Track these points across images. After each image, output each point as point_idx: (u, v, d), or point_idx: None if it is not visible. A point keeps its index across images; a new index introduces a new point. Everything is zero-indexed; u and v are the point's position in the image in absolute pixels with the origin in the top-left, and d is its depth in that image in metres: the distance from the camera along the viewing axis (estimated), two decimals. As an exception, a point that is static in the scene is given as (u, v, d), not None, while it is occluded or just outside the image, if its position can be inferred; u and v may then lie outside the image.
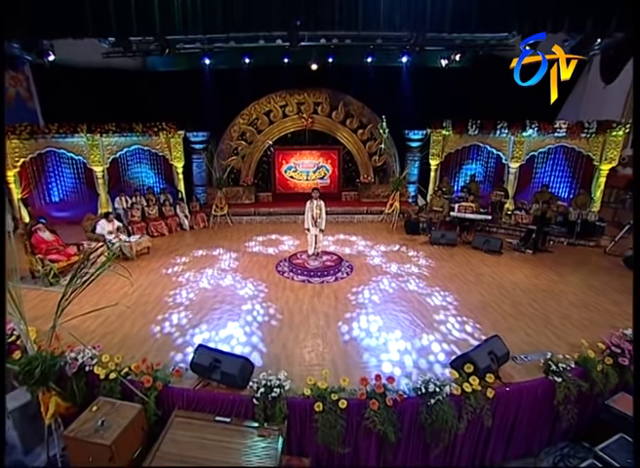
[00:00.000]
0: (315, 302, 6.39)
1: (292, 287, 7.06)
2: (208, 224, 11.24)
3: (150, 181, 12.17)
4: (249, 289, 6.95)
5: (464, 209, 9.49)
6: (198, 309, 6.14)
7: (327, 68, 11.40)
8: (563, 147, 11.35)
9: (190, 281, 7.29)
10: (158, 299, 6.49)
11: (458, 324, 5.73)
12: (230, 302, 6.40)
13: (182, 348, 5.05)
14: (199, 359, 4.28)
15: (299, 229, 10.72)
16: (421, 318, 5.88)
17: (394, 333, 5.41)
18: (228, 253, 8.93)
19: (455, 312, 6.10)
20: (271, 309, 6.18)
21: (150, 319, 5.83)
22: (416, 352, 4.98)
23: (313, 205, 7.73)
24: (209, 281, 7.29)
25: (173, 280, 7.34)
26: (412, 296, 6.63)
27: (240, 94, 11.90)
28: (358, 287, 7.01)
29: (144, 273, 7.68)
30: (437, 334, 5.43)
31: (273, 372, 4.21)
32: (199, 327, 5.60)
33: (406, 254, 8.81)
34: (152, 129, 11.24)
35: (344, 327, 5.59)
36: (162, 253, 8.91)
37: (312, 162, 12.41)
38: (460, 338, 5.32)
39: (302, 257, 8.06)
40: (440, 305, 6.31)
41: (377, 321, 5.77)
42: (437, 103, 11.66)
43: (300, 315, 5.97)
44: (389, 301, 6.45)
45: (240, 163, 12.51)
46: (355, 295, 6.64)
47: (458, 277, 7.47)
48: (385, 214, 11.33)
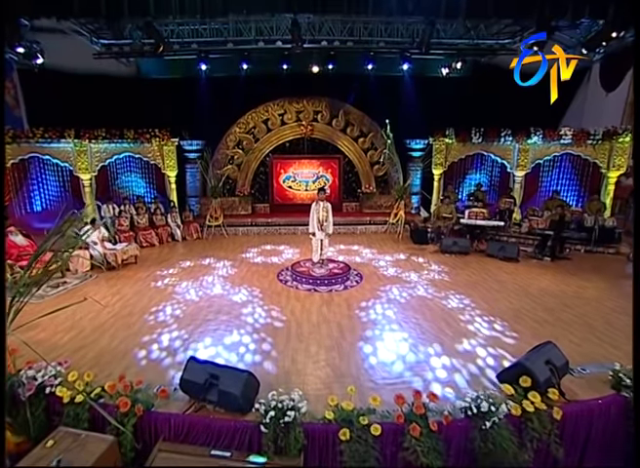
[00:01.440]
0: (325, 311, 5.52)
1: (297, 296, 6.18)
2: (201, 235, 10.38)
3: (141, 191, 11.34)
4: (248, 298, 6.06)
5: (475, 215, 8.82)
6: (190, 320, 5.22)
7: (327, 77, 10.95)
8: (569, 155, 10.91)
9: (182, 291, 6.37)
10: (144, 310, 5.55)
11: (490, 331, 4.91)
12: (227, 312, 5.49)
13: (170, 364, 4.11)
14: (190, 375, 3.36)
15: (299, 240, 9.95)
16: (450, 326, 5.05)
17: (423, 343, 4.56)
18: (224, 262, 8.04)
19: (485, 318, 5.28)
20: (275, 319, 5.29)
21: (133, 332, 4.89)
22: (453, 363, 4.12)
23: (319, 207, 6.96)
24: (203, 291, 6.38)
25: (162, 290, 6.41)
26: (433, 304, 5.80)
27: (237, 102, 11.30)
28: (372, 295, 6.17)
29: (130, 283, 6.74)
30: (471, 343, 4.59)
31: (284, 391, 3.30)
32: (191, 339, 4.68)
33: (418, 263, 8.02)
34: (144, 135, 10.52)
35: (363, 337, 4.72)
36: (151, 263, 7.98)
37: (312, 171, 11.75)
38: (497, 346, 4.49)
39: (307, 265, 7.22)
40: (467, 312, 5.49)
41: (400, 330, 4.91)
42: (438, 113, 11.17)
43: (309, 325, 5.08)
44: (410, 309, 5.60)
45: (236, 172, 11.79)
46: (370, 304, 5.79)
47: (479, 284, 6.69)
48: (390, 225, 10.61)
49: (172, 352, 4.38)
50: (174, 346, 4.52)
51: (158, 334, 4.79)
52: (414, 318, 5.31)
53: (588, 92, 11.36)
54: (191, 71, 11.05)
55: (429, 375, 3.89)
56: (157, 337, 4.72)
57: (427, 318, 5.32)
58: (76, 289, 6.46)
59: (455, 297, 6.09)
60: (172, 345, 4.54)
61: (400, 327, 5.01)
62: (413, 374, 3.92)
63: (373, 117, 11.84)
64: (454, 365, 4.10)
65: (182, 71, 11.25)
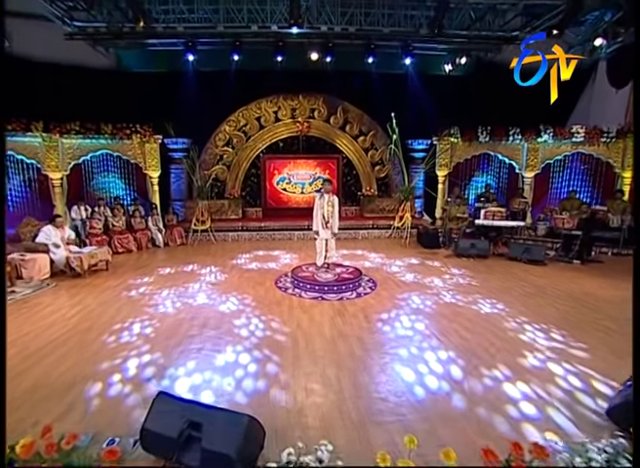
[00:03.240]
0: (340, 324, 4.32)
1: (301, 305, 4.97)
2: (186, 241, 9.10)
3: (120, 193, 10.03)
4: (241, 308, 4.83)
5: (492, 215, 7.81)
6: (168, 338, 3.95)
7: (324, 72, 10.04)
8: (580, 154, 10.14)
9: (159, 301, 5.08)
10: (107, 325, 4.25)
11: (549, 341, 3.83)
12: (216, 326, 4.24)
13: (137, 403, 2.84)
14: (157, 423, 2.12)
15: (296, 246, 8.80)
16: (498, 337, 3.92)
17: (479, 362, 3.39)
18: (211, 269, 6.79)
19: (535, 326, 4.19)
20: (278, 333, 4.07)
21: (89, 354, 3.60)
22: (535, 390, 2.96)
23: (324, 201, 5.81)
24: (185, 301, 5.12)
25: (134, 301, 5.12)
26: (468, 312, 4.67)
27: (227, 98, 10.19)
28: (392, 304, 5.01)
29: (96, 292, 5.42)
30: (537, 357, 3.48)
31: (304, 443, 2.09)
32: (168, 364, 3.42)
33: (435, 267, 6.93)
34: (124, 131, 9.32)
35: (396, 357, 3.53)
36: (125, 270, 6.67)
37: (308, 172, 10.67)
38: (570, 360, 3.36)
39: (310, 270, 6.03)
40: (510, 320, 4.38)
41: (441, 346, 3.73)
42: (440, 112, 10.32)
43: (321, 341, 3.87)
44: (443, 318, 4.45)
45: (225, 173, 10.60)
46: (393, 314, 4.61)
47: (512, 289, 5.60)
48: (395, 229, 9.55)
49: (140, 384, 3.10)
50: (144, 375, 3.23)
51: (123, 359, 3.49)
52: (452, 329, 4.15)
53: (594, 90, 10.71)
54: (177, 64, 10.00)
55: (512, 411, 2.70)
56: (121, 363, 3.42)
57: (468, 328, 4.18)
58: (27, 299, 5.12)
59: (488, 303, 4.97)
60: (141, 374, 3.25)
61: (439, 342, 3.85)
62: (488, 410, 2.73)
63: (372, 116, 10.91)
64: (536, 392, 2.94)
65: (168, 64, 10.18)
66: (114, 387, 3.05)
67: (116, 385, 3.07)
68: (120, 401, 2.86)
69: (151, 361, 3.46)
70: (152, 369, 3.32)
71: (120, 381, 3.13)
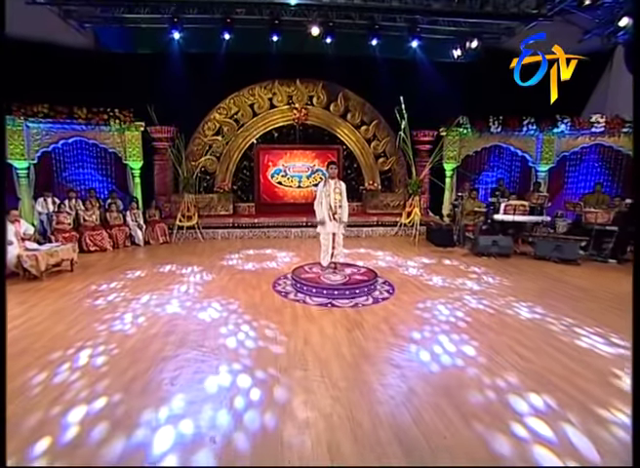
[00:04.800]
0: (360, 339, 3.29)
1: (308, 314, 3.94)
2: (170, 238, 7.99)
3: (97, 186, 8.86)
4: (231, 319, 3.77)
5: (513, 209, 6.88)
6: (131, 362, 2.88)
7: (323, 56, 9.07)
8: (598, 146, 9.33)
9: (129, 310, 4.01)
10: (57, 340, 3.17)
11: None
12: (198, 344, 3.18)
13: None
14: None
15: (293, 244, 7.78)
16: (572, 359, 2.93)
17: (569, 402, 2.39)
18: (196, 270, 5.72)
19: (604, 339, 3.22)
20: (280, 352, 3.02)
21: (29, 376, 2.53)
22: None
23: (330, 187, 4.81)
24: (161, 309, 4.05)
25: (96, 311, 4.01)
26: (515, 321, 3.68)
27: (217, 83, 9.08)
28: (418, 311, 4.01)
29: (50, 299, 4.31)
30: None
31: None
32: (129, 408, 2.35)
33: (455, 267, 5.96)
34: (100, 116, 8.20)
35: (453, 392, 2.52)
36: (94, 271, 5.56)
37: (306, 164, 9.64)
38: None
39: (314, 271, 5.00)
40: (572, 331, 3.41)
41: (508, 373, 2.72)
42: (448, 101, 9.42)
43: (340, 365, 2.84)
44: (489, 331, 3.45)
45: (215, 164, 9.50)
46: (423, 325, 3.61)
47: (553, 292, 4.66)
48: (402, 226, 8.58)
49: (89, 451, 2.02)
50: (92, 437, 2.13)
51: (63, 408, 2.35)
52: (505, 345, 3.16)
53: (611, 77, 9.92)
54: (162, 45, 8.95)
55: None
56: (60, 413, 2.31)
57: (524, 343, 3.20)
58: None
59: (531, 309, 4.02)
60: (89, 431, 2.16)
61: (497, 365, 2.85)
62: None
63: (374, 104, 9.95)
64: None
65: (151, 45, 9.12)
66: (52, 427, 1.98)
67: (42, 457, 1.98)
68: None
69: (108, 405, 2.37)
70: (105, 424, 2.20)
71: (50, 445, 2.04)
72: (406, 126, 8.01)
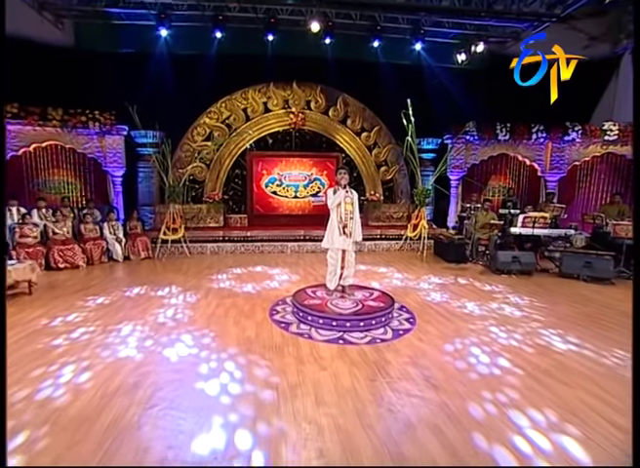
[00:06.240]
0: (388, 395, 2.46)
1: (315, 354, 3.10)
2: (153, 254, 7.11)
3: (74, 195, 7.96)
4: (217, 362, 2.92)
5: (532, 221, 6.19)
6: (78, 435, 2.01)
7: (322, 60, 8.44)
8: (610, 156, 8.79)
9: (89, 349, 3.13)
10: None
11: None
12: (171, 402, 2.31)
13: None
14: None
15: (291, 261, 6.99)
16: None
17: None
18: (180, 292, 4.86)
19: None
20: (283, 422, 2.18)
21: None
22: None
23: (341, 196, 4.02)
24: (130, 349, 3.18)
25: (47, 350, 3.12)
26: (577, 365, 2.91)
27: (207, 86, 8.31)
28: (452, 347, 3.21)
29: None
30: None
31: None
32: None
33: (476, 288, 5.20)
34: (78, 118, 7.37)
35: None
36: (58, 294, 4.65)
37: (303, 173, 8.88)
38: None
39: (319, 295, 4.19)
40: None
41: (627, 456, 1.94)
42: (452, 108, 8.84)
43: (369, 443, 2.01)
44: (556, 382, 2.65)
45: (204, 172, 8.67)
46: (477, 375, 2.81)
47: (602, 320, 3.91)
48: (408, 239, 7.84)
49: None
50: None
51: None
52: (595, 412, 2.38)
53: (619, 85, 9.47)
54: (148, 44, 8.21)
55: None
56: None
57: (617, 406, 2.41)
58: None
59: (597, 349, 3.26)
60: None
61: (604, 450, 2.06)
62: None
63: (375, 110, 9.29)
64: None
65: (136, 44, 8.34)
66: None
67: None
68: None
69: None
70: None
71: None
72: (413, 131, 7.30)
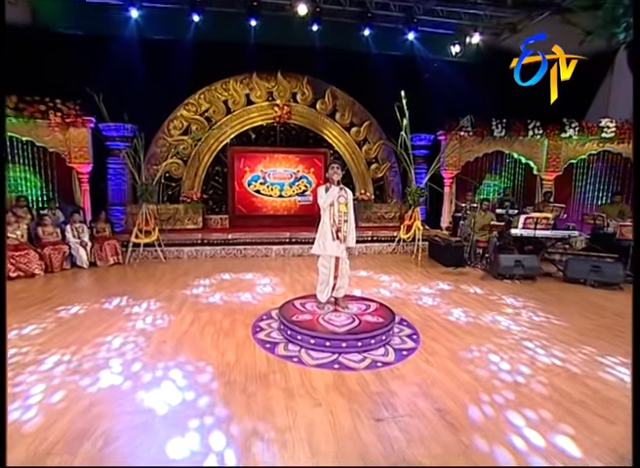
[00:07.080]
0: (399, 440, 1.99)
1: (306, 384, 2.60)
2: (123, 259, 6.47)
3: (34, 193, 7.23)
4: (190, 400, 2.39)
5: (535, 221, 5.85)
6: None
7: (309, 49, 7.93)
8: (606, 154, 8.61)
9: (23, 395, 2.56)
10: None
11: None
12: (134, 450, 1.80)
13: None
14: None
15: (275, 265, 6.47)
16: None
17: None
18: (150, 305, 4.29)
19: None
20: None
21: None
22: None
23: (334, 194, 3.53)
24: (79, 384, 2.62)
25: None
26: (610, 391, 2.52)
27: (183, 76, 7.71)
28: (465, 372, 2.77)
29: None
30: None
31: None
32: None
33: (479, 296, 4.81)
34: (36, 106, 6.66)
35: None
36: (10, 307, 4.00)
37: (288, 170, 8.35)
38: None
39: (309, 308, 3.69)
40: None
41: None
42: (446, 102, 8.46)
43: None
44: (593, 415, 2.25)
45: (181, 168, 8.05)
46: (501, 409, 2.36)
47: (623, 333, 3.57)
48: (402, 242, 7.43)
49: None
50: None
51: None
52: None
53: (614, 81, 9.32)
54: (116, 26, 7.50)
55: None
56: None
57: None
58: None
59: (612, 363, 2.89)
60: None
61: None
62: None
63: (365, 104, 8.85)
64: None
65: (103, 25, 7.59)
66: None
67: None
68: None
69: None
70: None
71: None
72: (407, 125, 6.89)
